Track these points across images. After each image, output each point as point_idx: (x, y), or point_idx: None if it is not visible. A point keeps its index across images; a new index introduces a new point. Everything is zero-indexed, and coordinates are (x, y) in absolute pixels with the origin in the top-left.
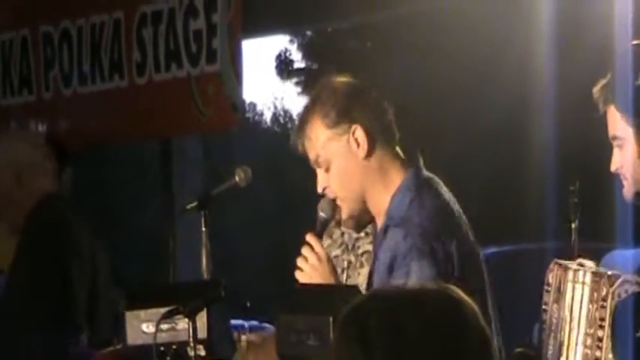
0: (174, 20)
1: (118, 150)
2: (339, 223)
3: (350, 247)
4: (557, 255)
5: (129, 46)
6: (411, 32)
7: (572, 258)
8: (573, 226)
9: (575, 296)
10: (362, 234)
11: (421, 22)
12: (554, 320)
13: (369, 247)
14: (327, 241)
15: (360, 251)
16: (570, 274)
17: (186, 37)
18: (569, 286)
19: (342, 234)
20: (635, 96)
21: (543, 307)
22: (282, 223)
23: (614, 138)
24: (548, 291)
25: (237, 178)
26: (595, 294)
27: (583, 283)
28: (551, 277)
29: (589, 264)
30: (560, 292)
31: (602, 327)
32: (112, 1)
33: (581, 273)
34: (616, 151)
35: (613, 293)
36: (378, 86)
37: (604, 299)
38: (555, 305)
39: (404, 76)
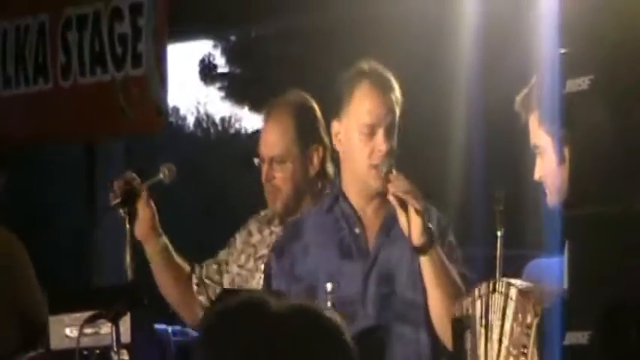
0: (100, 24)
1: (41, 150)
2: (269, 222)
3: None
4: (483, 262)
5: (54, 49)
6: (335, 38)
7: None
8: (499, 234)
9: (497, 308)
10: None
11: (346, 29)
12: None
13: (266, 252)
14: (256, 236)
15: (257, 255)
16: (483, 288)
17: (111, 41)
18: (479, 300)
19: (271, 233)
20: (560, 105)
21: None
22: (201, 226)
23: (535, 147)
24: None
25: (161, 175)
26: (520, 315)
27: (507, 295)
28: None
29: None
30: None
31: (524, 354)
32: (36, 4)
33: (504, 284)
34: (538, 160)
35: (538, 325)
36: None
37: (529, 327)
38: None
39: (327, 82)
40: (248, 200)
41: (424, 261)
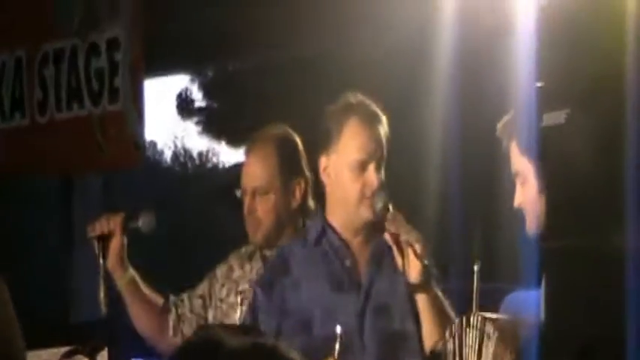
0: (76, 59)
1: (18, 185)
2: (250, 257)
3: None
4: (460, 296)
5: (30, 84)
6: (313, 71)
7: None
8: (476, 268)
9: (472, 343)
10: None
11: (324, 62)
12: None
13: (247, 286)
14: (237, 272)
15: (239, 289)
16: (465, 320)
17: (88, 76)
18: (468, 333)
19: (252, 269)
20: (538, 137)
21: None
22: (177, 260)
23: (516, 174)
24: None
25: (140, 223)
26: (498, 358)
27: (483, 332)
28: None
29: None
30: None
31: None
32: (13, 39)
33: (479, 319)
34: (518, 187)
35: None
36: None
37: None
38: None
39: (306, 116)
40: (226, 234)
41: (421, 297)
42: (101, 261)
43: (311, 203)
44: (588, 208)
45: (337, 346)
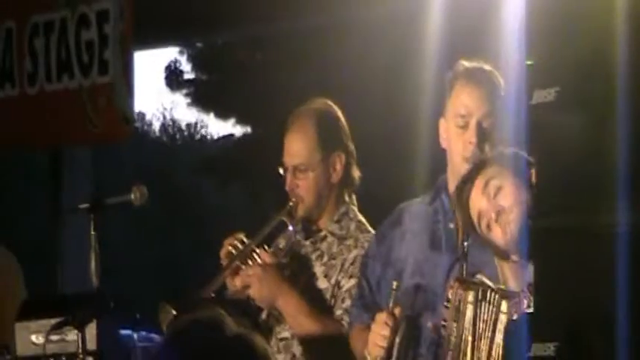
0: (66, 31)
1: (6, 156)
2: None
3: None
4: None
5: (21, 55)
6: (301, 44)
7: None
8: (465, 244)
9: (481, 316)
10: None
11: (313, 35)
12: (453, 339)
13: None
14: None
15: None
16: (471, 295)
17: (78, 48)
18: (470, 307)
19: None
20: (527, 116)
21: (442, 323)
22: (166, 230)
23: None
24: (447, 307)
25: (132, 196)
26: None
27: (490, 302)
28: (451, 294)
29: (487, 281)
30: (459, 312)
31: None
32: (3, 11)
33: (485, 292)
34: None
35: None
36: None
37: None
38: (454, 324)
39: (292, 88)
40: (212, 205)
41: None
42: (92, 233)
43: (355, 173)
44: (576, 186)
45: (390, 301)
